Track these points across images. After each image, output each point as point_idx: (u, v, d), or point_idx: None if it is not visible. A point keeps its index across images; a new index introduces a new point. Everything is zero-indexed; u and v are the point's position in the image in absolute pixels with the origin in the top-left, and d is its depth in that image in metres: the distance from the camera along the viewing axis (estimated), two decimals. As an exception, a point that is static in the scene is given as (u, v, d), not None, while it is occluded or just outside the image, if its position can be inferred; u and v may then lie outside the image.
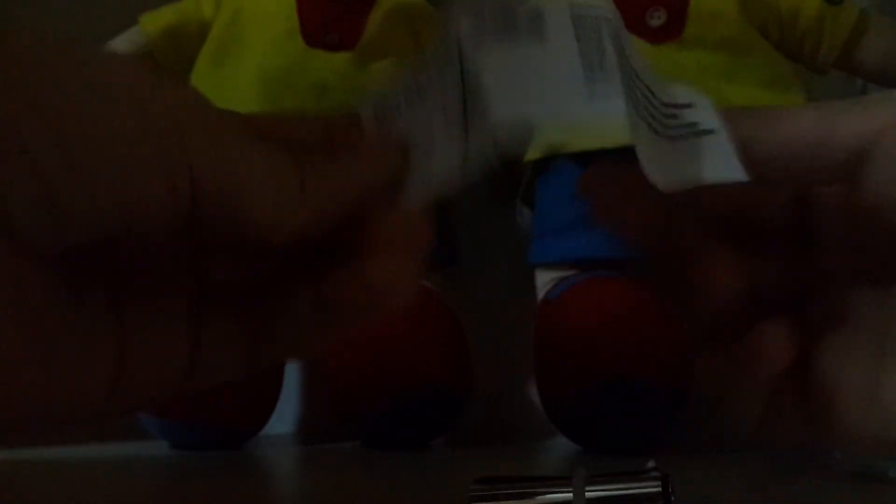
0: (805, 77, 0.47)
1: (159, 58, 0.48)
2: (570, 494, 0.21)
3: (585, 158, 0.44)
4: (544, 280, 0.46)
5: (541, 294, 0.46)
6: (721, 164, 0.21)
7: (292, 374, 0.50)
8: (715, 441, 0.45)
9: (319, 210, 0.18)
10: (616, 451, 0.40)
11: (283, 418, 0.51)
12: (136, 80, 0.16)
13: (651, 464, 0.21)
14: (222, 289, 0.20)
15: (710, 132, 0.21)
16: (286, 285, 0.20)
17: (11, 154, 0.15)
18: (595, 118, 0.19)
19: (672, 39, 0.44)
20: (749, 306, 0.22)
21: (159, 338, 0.19)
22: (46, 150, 0.15)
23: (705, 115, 0.21)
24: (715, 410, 0.23)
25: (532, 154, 0.47)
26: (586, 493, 0.20)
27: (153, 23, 0.48)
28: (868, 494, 0.30)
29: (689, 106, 0.21)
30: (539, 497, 0.21)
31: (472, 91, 0.19)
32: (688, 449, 0.42)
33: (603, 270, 0.43)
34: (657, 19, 0.44)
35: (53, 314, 0.17)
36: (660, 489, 0.20)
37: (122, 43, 0.48)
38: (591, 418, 0.41)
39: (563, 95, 0.19)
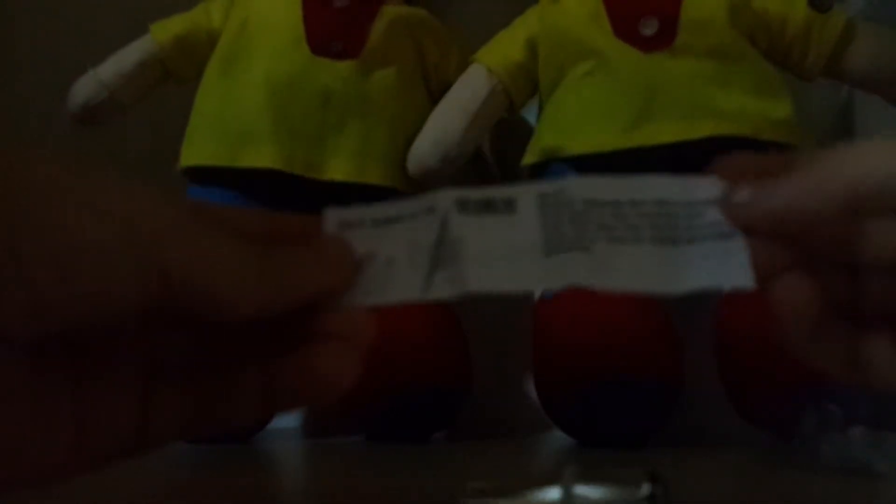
0: (793, 84, 0.47)
1: (169, 66, 0.49)
2: (560, 493, 0.22)
3: (581, 162, 0.45)
4: (541, 280, 0.46)
5: (537, 294, 0.46)
6: (733, 271, 0.23)
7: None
8: (706, 435, 0.46)
9: (274, 298, 0.20)
10: (610, 446, 0.41)
11: (290, 413, 0.51)
12: (119, 196, 0.18)
13: (641, 470, 0.22)
14: (172, 364, 0.22)
15: (729, 235, 0.23)
16: (234, 364, 0.22)
17: (6, 267, 0.17)
18: (551, 282, 0.22)
19: (664, 48, 0.44)
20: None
21: (113, 407, 0.21)
22: (39, 264, 0.17)
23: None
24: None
25: (528, 158, 0.48)
26: (575, 492, 0.21)
27: (163, 32, 0.49)
28: (854, 487, 0.31)
29: (714, 203, 0.23)
30: (529, 496, 0.22)
31: (448, 242, 0.22)
32: (679, 442, 0.43)
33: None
34: (649, 28, 0.45)
35: (20, 389, 0.18)
36: (649, 490, 0.21)
37: (133, 51, 0.49)
38: (586, 414, 0.42)
39: (524, 257, 0.22)
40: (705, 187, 0.24)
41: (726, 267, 0.23)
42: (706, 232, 0.23)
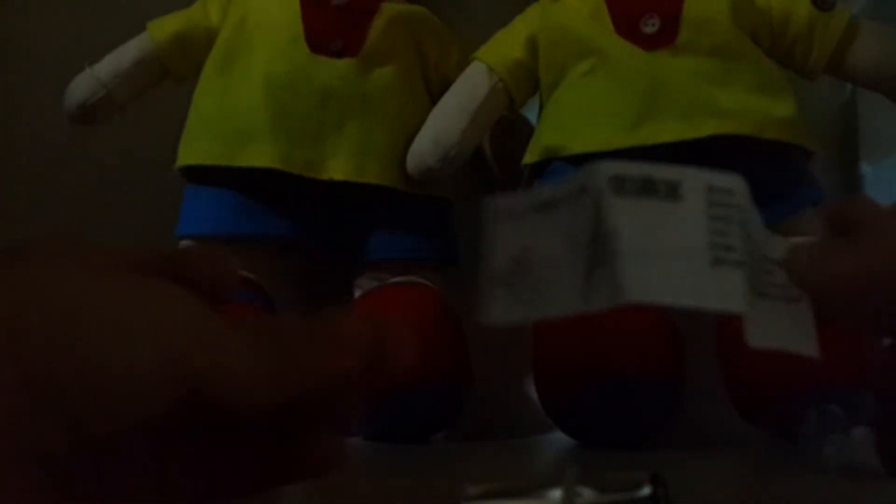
0: (795, 82, 0.47)
1: (167, 64, 0.49)
2: (561, 494, 0.21)
3: (582, 161, 0.45)
4: (542, 279, 0.46)
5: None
6: (798, 337, 0.21)
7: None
8: (707, 435, 0.46)
9: (292, 393, 0.20)
10: (611, 446, 0.41)
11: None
12: (146, 310, 0.19)
13: (642, 471, 0.22)
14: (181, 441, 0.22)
15: (796, 300, 0.22)
16: (235, 442, 0.22)
17: (49, 394, 0.17)
18: (716, 300, 0.20)
19: (666, 46, 0.44)
20: None
21: (133, 484, 0.21)
22: (79, 392, 0.17)
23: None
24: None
25: (530, 157, 0.47)
26: (577, 494, 0.21)
27: (161, 30, 0.49)
28: (856, 488, 0.31)
29: (783, 263, 0.22)
30: (530, 499, 0.22)
31: (602, 234, 0.20)
32: (680, 443, 0.43)
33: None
34: (651, 26, 0.44)
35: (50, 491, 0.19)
36: (650, 491, 0.21)
37: (130, 49, 0.49)
38: (586, 414, 0.42)
39: (689, 263, 0.20)
40: (777, 245, 0.22)
41: (792, 332, 0.21)
42: (776, 292, 0.22)
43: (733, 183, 0.21)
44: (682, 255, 0.20)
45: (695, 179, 0.20)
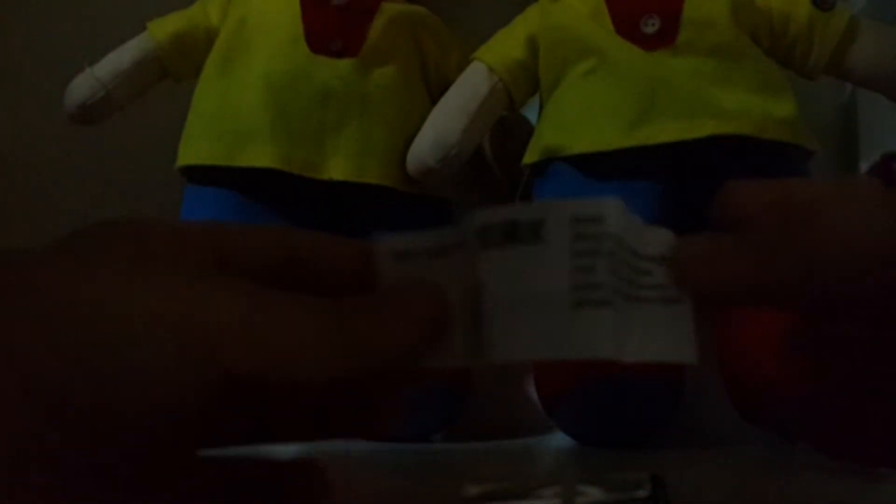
0: (795, 82, 0.47)
1: (167, 64, 0.49)
2: (560, 494, 0.22)
3: (582, 161, 0.45)
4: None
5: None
6: (675, 343, 0.20)
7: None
8: (706, 435, 0.46)
9: (354, 365, 0.19)
10: (611, 446, 0.41)
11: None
12: (168, 302, 0.18)
13: (642, 471, 0.22)
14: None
15: (675, 302, 0.20)
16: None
17: (56, 408, 0.17)
18: (577, 349, 0.18)
19: (666, 46, 0.44)
20: None
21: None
22: (89, 401, 0.17)
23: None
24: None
25: (530, 157, 0.47)
26: (577, 494, 0.22)
27: (161, 29, 0.49)
28: (854, 487, 0.31)
29: (663, 260, 0.20)
30: (530, 499, 0.22)
31: (473, 291, 0.19)
32: (679, 442, 0.43)
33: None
34: (651, 26, 0.45)
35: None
36: (649, 491, 0.22)
37: (130, 49, 0.49)
38: (586, 414, 0.42)
39: (548, 311, 0.18)
40: (656, 240, 0.20)
41: (668, 338, 0.20)
42: (652, 294, 0.20)
43: (602, 208, 0.19)
44: (541, 303, 0.18)
45: (558, 214, 0.19)
